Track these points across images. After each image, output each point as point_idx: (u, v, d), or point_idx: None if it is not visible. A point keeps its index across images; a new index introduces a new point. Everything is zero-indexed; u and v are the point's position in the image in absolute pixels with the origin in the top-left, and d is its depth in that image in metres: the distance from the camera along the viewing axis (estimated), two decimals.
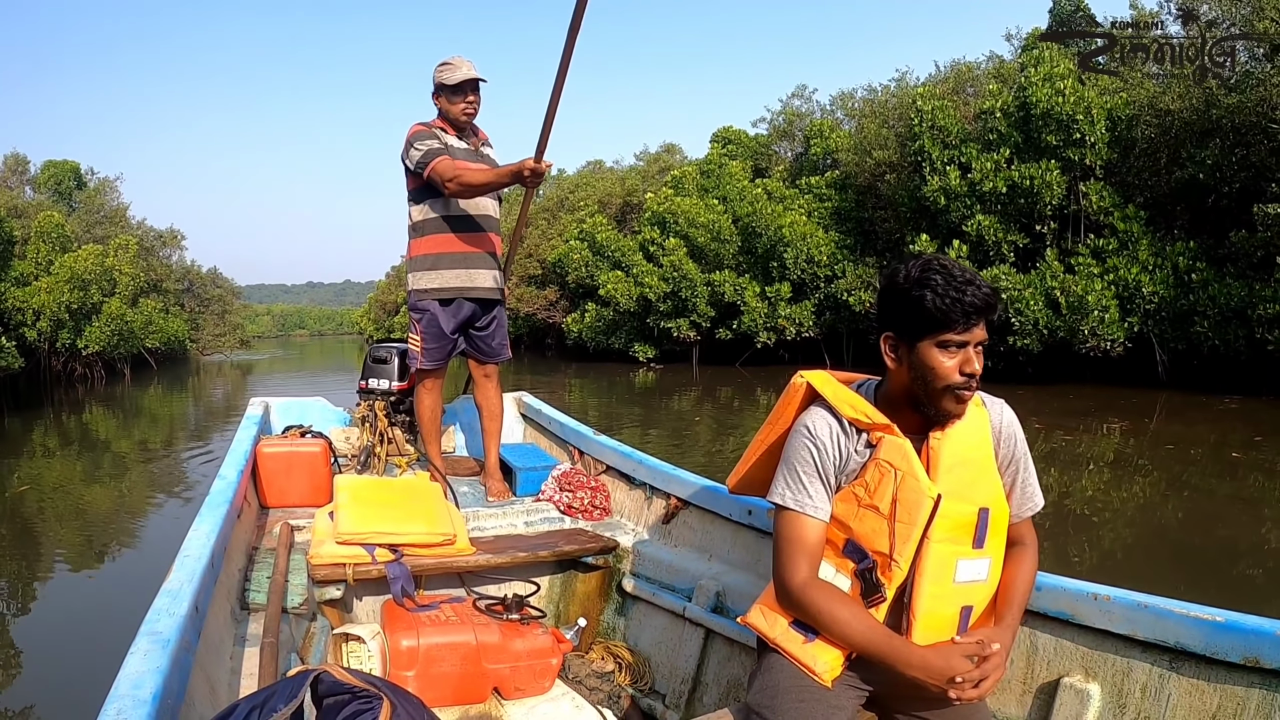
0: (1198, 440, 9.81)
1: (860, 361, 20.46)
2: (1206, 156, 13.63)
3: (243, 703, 1.30)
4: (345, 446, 3.98)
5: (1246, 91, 12.98)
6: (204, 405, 20.07)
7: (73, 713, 3.75)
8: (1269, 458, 8.78)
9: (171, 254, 35.94)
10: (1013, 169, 15.86)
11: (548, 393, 17.44)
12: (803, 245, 20.82)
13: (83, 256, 23.96)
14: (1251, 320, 13.03)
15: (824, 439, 1.72)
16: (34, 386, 22.46)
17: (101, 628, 4.69)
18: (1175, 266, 14.13)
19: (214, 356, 40.50)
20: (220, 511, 2.42)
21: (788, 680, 1.70)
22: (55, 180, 32.91)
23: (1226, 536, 5.94)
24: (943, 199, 16.90)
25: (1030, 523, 1.83)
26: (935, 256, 1.63)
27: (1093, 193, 15.32)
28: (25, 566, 6.27)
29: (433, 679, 2.32)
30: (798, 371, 1.89)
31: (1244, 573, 5.20)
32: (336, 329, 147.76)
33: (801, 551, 1.70)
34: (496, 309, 3.60)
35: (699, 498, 2.89)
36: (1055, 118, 15.03)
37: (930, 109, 17.25)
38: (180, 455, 11.32)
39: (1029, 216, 16.26)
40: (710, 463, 9.32)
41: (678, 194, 25.50)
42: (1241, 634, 1.55)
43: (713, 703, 2.52)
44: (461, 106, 3.40)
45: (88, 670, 4.07)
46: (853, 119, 24.52)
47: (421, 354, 3.51)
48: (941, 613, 1.66)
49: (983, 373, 1.63)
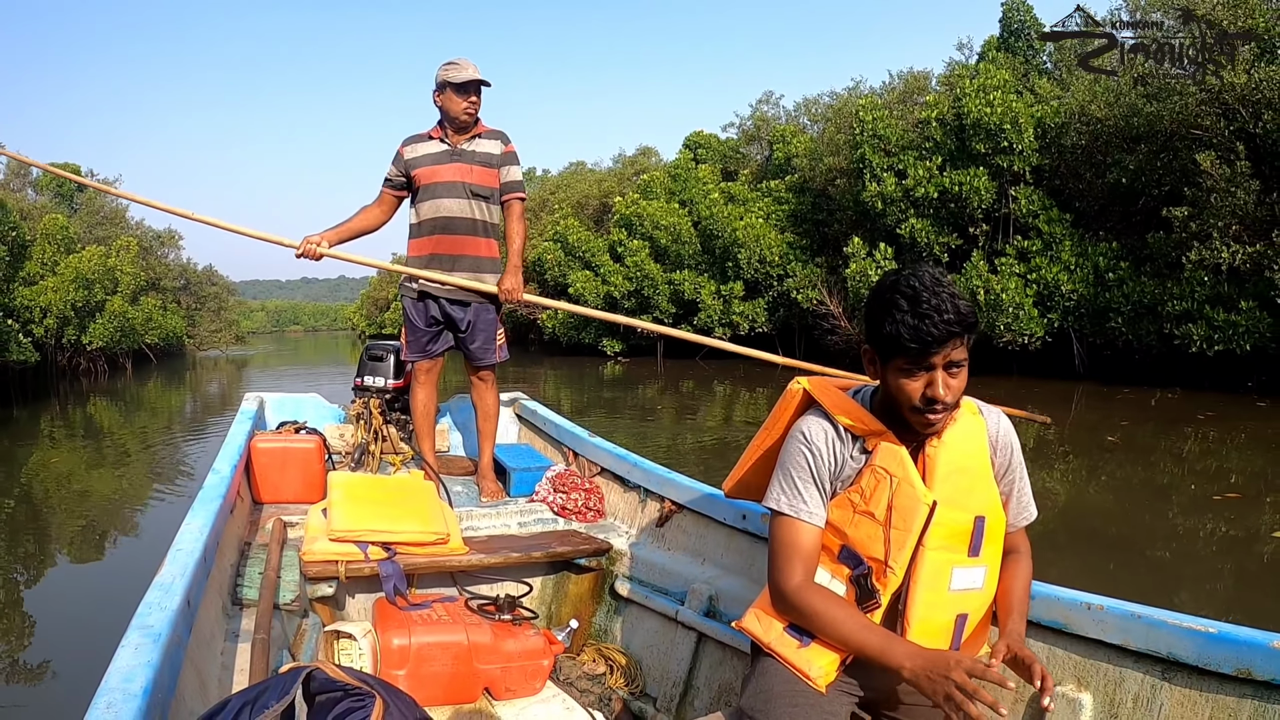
0: (1113, 428, 9.85)
1: (810, 356, 20.47)
2: (1130, 162, 13.64)
3: (234, 699, 1.20)
4: (339, 443, 3.75)
5: (1165, 101, 12.98)
6: (201, 398, 19.71)
7: (70, 683, 3.59)
8: (1178, 445, 8.88)
9: (169, 253, 34.95)
10: (944, 175, 15.88)
11: (528, 385, 17.40)
12: (756, 246, 20.76)
13: (86, 257, 23.64)
14: (1161, 316, 13.12)
15: (820, 445, 1.59)
16: (41, 380, 22.03)
17: (100, 608, 4.52)
18: (1096, 266, 14.21)
19: (210, 352, 39.40)
20: (213, 506, 2.24)
21: (781, 685, 1.55)
22: (57, 182, 32.07)
23: (1139, 521, 5.91)
24: (880, 204, 16.90)
25: (1024, 532, 1.70)
26: (911, 273, 1.44)
27: (1022, 197, 15.35)
28: (35, 547, 6.14)
29: (424, 678, 2.17)
30: (794, 378, 1.75)
31: (1156, 555, 5.19)
32: (331, 325, 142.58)
33: (797, 555, 1.56)
34: (470, 311, 3.33)
35: (693, 501, 2.70)
36: (984, 127, 15.06)
37: (871, 119, 17.23)
38: (178, 444, 11.12)
39: (960, 220, 16.29)
40: (672, 446, 9.26)
41: (645, 198, 25.33)
42: (1234, 645, 1.44)
43: (704, 707, 2.34)
44: (464, 105, 3.20)
45: (87, 646, 3.90)
46: (816, 124, 24.21)
47: (405, 345, 3.46)
48: (936, 620, 1.54)
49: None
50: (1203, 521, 5.87)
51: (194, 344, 37.41)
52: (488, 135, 3.32)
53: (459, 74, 3.17)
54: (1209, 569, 4.94)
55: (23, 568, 5.69)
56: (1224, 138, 12.11)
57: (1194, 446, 8.85)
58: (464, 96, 3.19)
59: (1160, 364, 13.70)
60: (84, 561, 5.83)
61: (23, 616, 4.77)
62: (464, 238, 3.28)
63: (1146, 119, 13.21)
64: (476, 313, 3.34)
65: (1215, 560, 5.11)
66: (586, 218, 30.21)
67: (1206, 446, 8.86)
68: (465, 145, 3.27)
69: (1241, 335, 12.13)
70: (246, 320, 72.50)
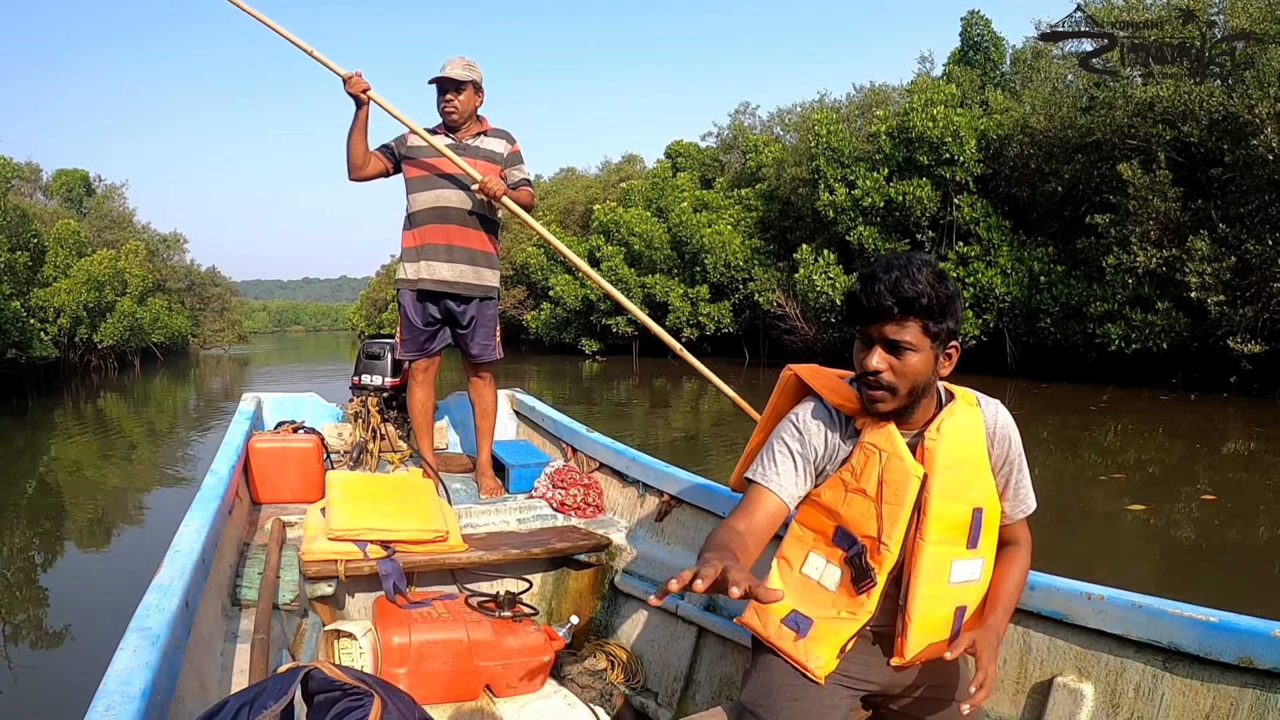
0: (1042, 422, 9.87)
1: (773, 355, 20.41)
2: (1067, 172, 13.61)
3: (233, 699, 1.11)
4: (338, 442, 3.49)
5: (1095, 113, 12.96)
6: (204, 394, 19.27)
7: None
8: (1098, 436, 8.92)
9: (173, 256, 34.06)
10: (890, 186, 15.86)
11: (515, 380, 17.22)
12: (722, 252, 20.63)
13: (97, 260, 23.35)
14: (1086, 317, 13.16)
15: (810, 427, 1.49)
16: (54, 376, 21.56)
17: (107, 597, 4.33)
18: (1031, 270, 14.22)
19: (213, 350, 38.44)
20: (211, 507, 2.06)
21: (781, 679, 1.44)
22: (66, 187, 31.38)
23: (1066, 505, 5.90)
24: (832, 212, 16.86)
25: (1025, 524, 1.56)
26: (893, 254, 1.42)
27: (965, 205, 15.35)
28: (53, 528, 6.03)
29: (424, 676, 1.99)
30: (787, 366, 1.65)
31: (1083, 539, 5.19)
32: (331, 325, 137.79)
33: (743, 510, 1.45)
34: (473, 306, 3.07)
35: (692, 495, 2.51)
36: (927, 140, 15.03)
37: (825, 132, 17.18)
38: (182, 437, 10.95)
39: (907, 226, 16.28)
40: (646, 434, 9.16)
41: (623, 206, 25.06)
42: (1235, 634, 1.34)
43: (705, 701, 2.18)
44: (440, 104, 2.99)
45: (94, 626, 3.76)
46: (790, 134, 23.87)
47: (400, 344, 3.15)
48: (937, 614, 1.43)
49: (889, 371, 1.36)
50: (1084, 498, 6.06)
51: (198, 343, 36.60)
52: (494, 134, 3.09)
53: (437, 74, 2.96)
54: (1078, 535, 5.07)
55: (39, 549, 5.58)
56: (1147, 148, 12.12)
57: (1100, 436, 8.95)
58: (440, 95, 2.98)
59: (1088, 362, 13.72)
60: (90, 546, 5.68)
61: (38, 590, 4.70)
62: (462, 229, 3.03)
63: (1079, 131, 13.20)
64: (479, 308, 3.09)
65: (1086, 528, 5.26)
66: (574, 223, 29.75)
67: (1106, 436, 8.97)
68: (470, 141, 3.03)
69: (1158, 334, 12.19)
70: (248, 320, 70.79)
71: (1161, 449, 8.33)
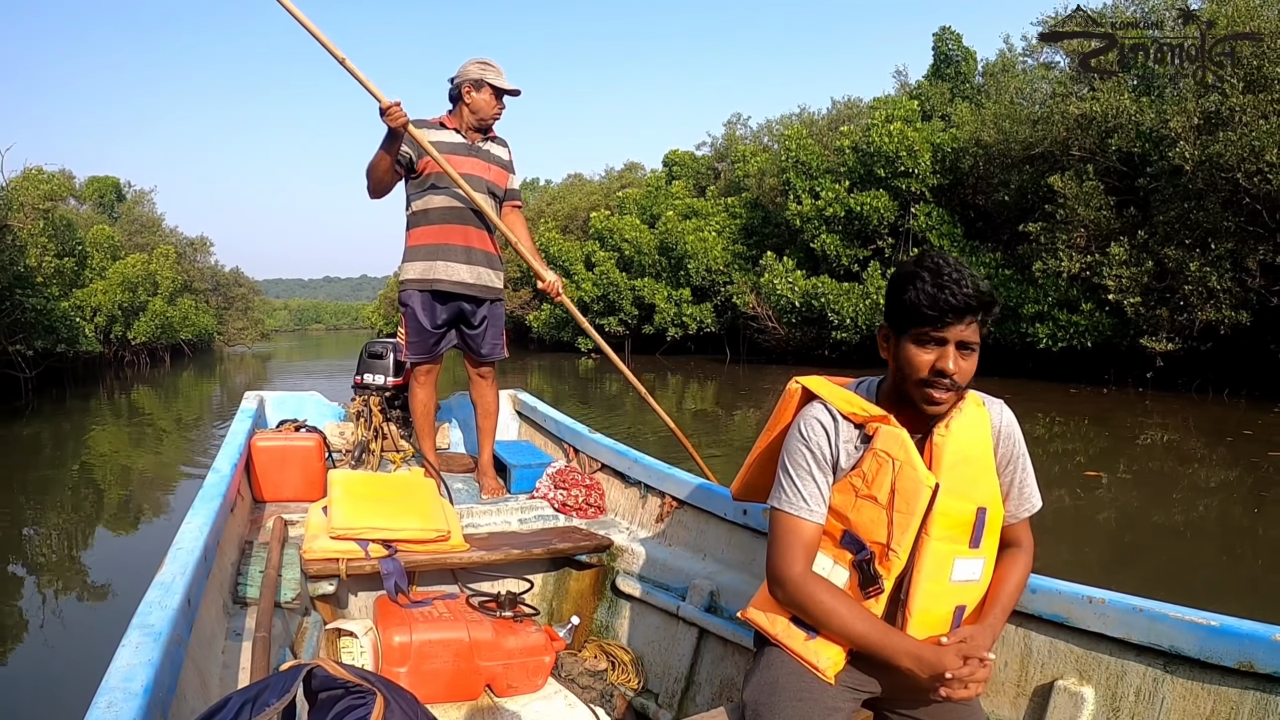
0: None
1: (751, 353, 20.29)
2: (1014, 182, 13.51)
3: (234, 697, 1.01)
4: (340, 441, 3.21)
5: (1038, 127, 12.83)
6: (228, 389, 18.93)
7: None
8: (1029, 429, 8.79)
9: (200, 258, 33.39)
10: (850, 197, 15.77)
11: (521, 376, 17.07)
12: (704, 257, 20.43)
13: (131, 263, 23.12)
14: (1020, 317, 13.07)
15: (818, 437, 1.35)
16: (91, 371, 21.31)
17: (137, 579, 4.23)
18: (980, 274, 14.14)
19: (237, 348, 37.58)
20: (213, 505, 1.88)
21: (786, 678, 1.31)
22: (99, 194, 30.80)
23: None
24: (799, 221, 16.77)
25: (1028, 525, 1.42)
26: (934, 253, 1.28)
27: (921, 214, 15.24)
28: (93, 509, 5.97)
29: (425, 675, 1.81)
30: (793, 378, 1.49)
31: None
32: (352, 324, 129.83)
33: (798, 544, 1.32)
34: (486, 307, 2.81)
35: (694, 496, 2.32)
36: (884, 154, 14.90)
37: (795, 146, 17.02)
38: (207, 428, 10.72)
39: (867, 234, 16.17)
40: (634, 428, 8.97)
41: (619, 214, 24.76)
42: (1236, 638, 1.24)
43: (706, 702, 1.98)
44: (497, 109, 2.75)
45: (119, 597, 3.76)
46: (776, 144, 23.27)
47: (405, 346, 2.86)
48: (936, 611, 1.31)
49: (966, 376, 1.28)
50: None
51: (222, 340, 35.89)
52: (497, 140, 2.86)
53: (500, 79, 2.71)
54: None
55: (80, 526, 5.54)
56: (1088, 159, 12.01)
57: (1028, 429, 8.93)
58: (499, 100, 2.74)
59: (1024, 361, 13.58)
60: (120, 525, 5.62)
61: (78, 566, 4.65)
62: (480, 231, 2.77)
63: (1022, 145, 13.12)
64: (490, 309, 2.85)
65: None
66: (576, 228, 29.22)
67: (1035, 428, 8.96)
68: (481, 144, 2.79)
69: (1082, 333, 12.16)
70: (270, 319, 69.30)
71: (1071, 439, 8.36)
